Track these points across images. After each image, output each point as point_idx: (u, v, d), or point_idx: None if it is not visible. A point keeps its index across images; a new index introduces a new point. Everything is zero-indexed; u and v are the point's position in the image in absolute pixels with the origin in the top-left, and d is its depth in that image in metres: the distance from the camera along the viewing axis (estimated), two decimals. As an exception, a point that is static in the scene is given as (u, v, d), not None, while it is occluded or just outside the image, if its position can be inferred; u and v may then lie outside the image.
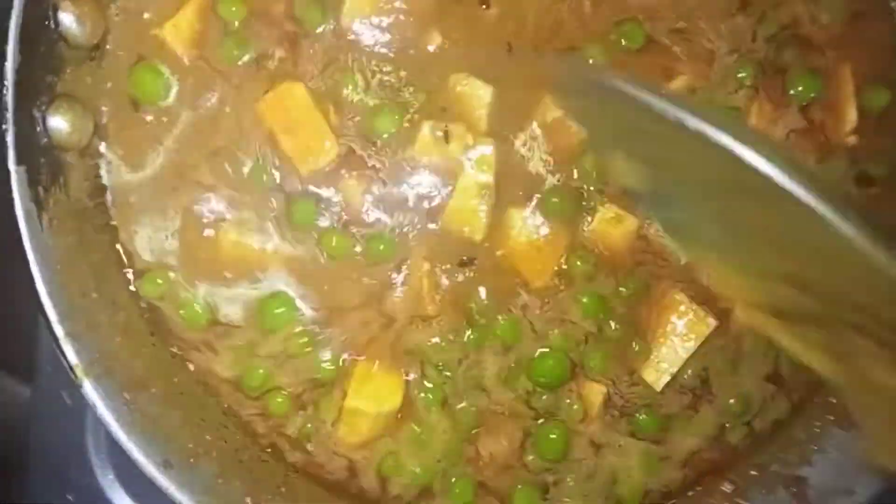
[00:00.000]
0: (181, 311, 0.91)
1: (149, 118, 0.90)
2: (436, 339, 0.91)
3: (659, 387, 0.92)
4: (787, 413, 0.96)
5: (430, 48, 0.90)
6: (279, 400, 0.92)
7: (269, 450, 0.93)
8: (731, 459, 0.96)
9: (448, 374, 0.91)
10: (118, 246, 0.91)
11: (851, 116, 0.94)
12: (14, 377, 1.15)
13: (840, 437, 0.92)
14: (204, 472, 0.88)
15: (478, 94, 0.89)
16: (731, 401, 0.94)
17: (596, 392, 0.93)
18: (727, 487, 0.95)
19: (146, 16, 0.89)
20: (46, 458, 1.08)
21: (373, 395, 0.91)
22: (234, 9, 0.89)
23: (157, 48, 0.90)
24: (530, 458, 0.93)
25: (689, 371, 0.93)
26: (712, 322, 0.92)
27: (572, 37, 0.91)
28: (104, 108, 0.90)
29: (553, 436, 0.92)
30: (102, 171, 0.90)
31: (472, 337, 0.91)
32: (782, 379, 0.95)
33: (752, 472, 0.95)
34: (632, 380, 0.93)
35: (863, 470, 0.88)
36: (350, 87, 0.89)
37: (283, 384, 0.92)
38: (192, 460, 0.87)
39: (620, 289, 0.92)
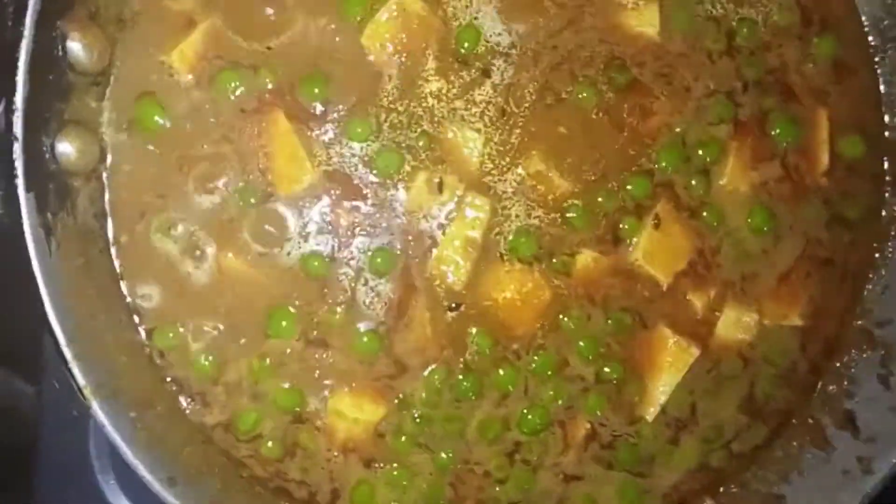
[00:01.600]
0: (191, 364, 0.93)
1: (150, 146, 0.92)
2: (423, 394, 0.94)
3: (651, 418, 0.96)
4: (766, 438, 1.00)
5: (433, 89, 0.94)
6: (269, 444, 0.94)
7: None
8: (714, 480, 1.00)
9: (427, 427, 0.94)
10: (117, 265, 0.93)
11: (824, 160, 0.98)
12: (21, 376, 1.14)
13: (817, 457, 0.96)
14: (208, 487, 0.91)
15: (469, 145, 0.93)
16: (711, 428, 0.98)
17: (580, 427, 0.96)
18: (708, 504, 1.00)
19: (151, 42, 0.91)
20: (50, 459, 1.10)
21: (355, 405, 0.94)
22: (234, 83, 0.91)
23: (163, 73, 0.91)
24: (497, 489, 0.96)
25: (677, 400, 0.97)
26: (695, 351, 0.96)
27: (563, 89, 0.95)
28: (104, 131, 0.91)
29: (521, 472, 0.95)
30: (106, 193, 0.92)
31: (465, 385, 0.94)
32: (757, 405, 0.99)
33: (733, 489, 1.00)
34: (626, 417, 0.97)
35: (837, 491, 0.93)
36: (360, 129, 0.92)
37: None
38: (196, 476, 0.90)
39: (607, 321, 0.95)
